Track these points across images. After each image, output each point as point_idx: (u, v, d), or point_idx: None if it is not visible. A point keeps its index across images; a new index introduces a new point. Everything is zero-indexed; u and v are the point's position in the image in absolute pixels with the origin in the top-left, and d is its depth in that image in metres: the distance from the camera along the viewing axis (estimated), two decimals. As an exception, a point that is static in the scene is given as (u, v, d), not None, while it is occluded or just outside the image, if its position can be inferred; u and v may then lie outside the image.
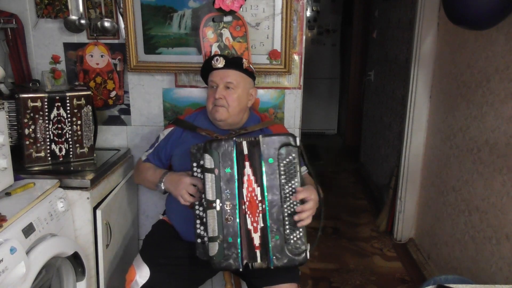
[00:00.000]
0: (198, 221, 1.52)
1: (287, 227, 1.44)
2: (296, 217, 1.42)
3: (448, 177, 2.38)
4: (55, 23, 2.00)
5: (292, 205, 1.44)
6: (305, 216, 1.42)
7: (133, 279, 1.54)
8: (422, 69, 2.67)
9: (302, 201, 1.44)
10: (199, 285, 1.69)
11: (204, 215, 1.50)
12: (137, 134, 2.12)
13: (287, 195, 1.44)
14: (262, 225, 1.44)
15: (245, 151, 1.45)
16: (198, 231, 1.52)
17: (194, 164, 1.52)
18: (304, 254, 1.44)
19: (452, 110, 2.35)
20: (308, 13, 5.47)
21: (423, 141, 2.77)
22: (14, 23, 1.94)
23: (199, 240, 1.52)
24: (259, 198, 1.44)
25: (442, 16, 2.50)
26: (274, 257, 1.43)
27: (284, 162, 1.43)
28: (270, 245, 1.43)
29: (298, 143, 1.44)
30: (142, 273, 1.54)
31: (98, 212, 1.66)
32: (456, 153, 2.29)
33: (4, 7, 1.95)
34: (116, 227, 1.85)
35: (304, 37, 1.96)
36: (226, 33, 1.91)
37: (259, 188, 1.44)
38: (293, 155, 1.44)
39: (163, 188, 1.62)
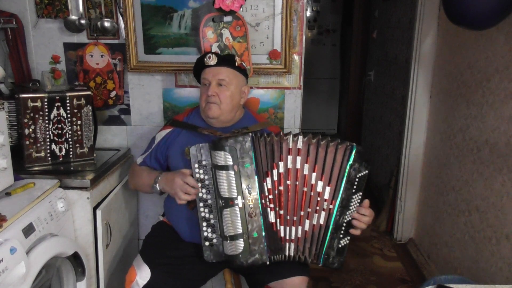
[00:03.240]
0: (204, 224, 1.51)
1: (342, 232, 1.50)
2: (355, 222, 1.50)
3: (448, 177, 2.38)
4: (55, 23, 2.00)
5: (350, 214, 1.51)
6: (360, 225, 1.51)
7: (133, 280, 1.54)
8: (422, 69, 2.67)
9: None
10: (200, 285, 1.69)
11: (211, 216, 1.50)
12: (137, 134, 2.12)
13: (352, 204, 1.50)
14: (321, 223, 1.50)
15: (297, 146, 1.46)
16: (205, 233, 1.51)
17: (196, 165, 1.50)
18: (342, 259, 1.52)
19: (452, 110, 2.35)
20: (308, 13, 5.46)
21: (423, 141, 2.77)
22: (14, 23, 1.94)
23: (207, 243, 1.51)
24: (325, 197, 1.48)
25: (442, 16, 2.50)
26: (326, 256, 1.50)
27: (360, 174, 1.49)
28: (326, 245, 1.50)
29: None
30: (142, 274, 1.53)
31: (98, 212, 1.66)
32: (456, 153, 2.29)
33: (4, 7, 1.96)
34: (116, 227, 1.85)
35: (304, 37, 1.96)
36: (226, 33, 1.91)
37: (329, 188, 1.48)
38: (366, 171, 1.50)
39: (159, 188, 1.61)
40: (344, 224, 1.50)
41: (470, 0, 1.67)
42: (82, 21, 1.95)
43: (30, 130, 1.70)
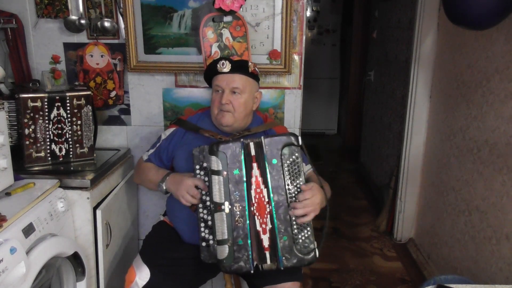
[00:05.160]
0: (202, 224, 1.52)
1: (295, 227, 1.45)
2: (290, 212, 1.43)
3: (448, 177, 2.38)
4: (55, 23, 2.00)
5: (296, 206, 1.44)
6: (300, 213, 1.42)
7: (133, 280, 1.54)
8: (422, 69, 2.67)
9: None
10: (199, 286, 1.69)
11: (209, 218, 1.50)
12: (137, 134, 2.12)
13: (293, 195, 1.44)
14: (270, 226, 1.45)
15: (253, 152, 1.44)
16: (203, 234, 1.52)
17: (197, 167, 1.51)
18: (313, 253, 1.45)
19: (452, 110, 2.35)
20: (308, 13, 5.47)
21: (423, 141, 2.77)
22: (14, 23, 1.94)
23: (203, 244, 1.52)
24: (266, 200, 1.44)
25: (442, 16, 2.50)
26: (284, 258, 1.44)
27: (288, 162, 1.43)
28: (279, 246, 1.43)
29: (300, 142, 1.44)
30: (142, 275, 1.53)
31: (98, 212, 1.66)
32: (456, 153, 2.29)
33: (4, 7, 1.96)
34: (116, 227, 1.85)
35: (304, 37, 1.96)
36: (226, 33, 1.91)
37: (265, 189, 1.44)
38: (296, 154, 1.44)
39: (164, 188, 1.61)
40: (294, 218, 1.44)
41: (470, 0, 1.67)
42: (82, 21, 1.95)
43: (30, 130, 1.70)
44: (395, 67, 3.29)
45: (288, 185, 1.44)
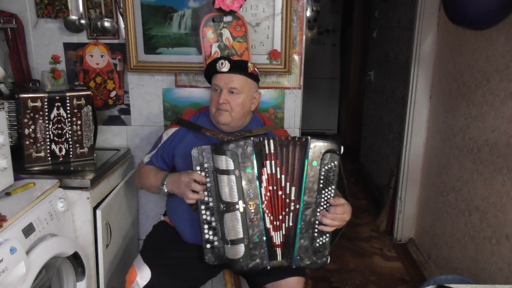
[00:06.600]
0: (205, 226, 1.51)
1: (316, 230, 1.47)
2: (319, 218, 1.46)
3: (448, 177, 2.38)
4: (55, 23, 2.00)
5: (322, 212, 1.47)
6: (327, 222, 1.46)
7: (133, 280, 1.53)
8: (422, 69, 2.67)
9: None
10: (199, 286, 1.69)
11: (212, 219, 1.50)
12: (137, 134, 2.12)
13: (322, 200, 1.46)
14: (290, 224, 1.47)
15: (270, 150, 1.44)
16: (207, 236, 1.51)
17: (198, 168, 1.50)
18: (325, 259, 1.49)
19: (452, 110, 2.35)
20: (308, 13, 5.46)
21: (423, 141, 2.77)
22: (14, 23, 1.94)
23: (208, 246, 1.51)
24: (292, 198, 1.46)
25: (442, 16, 2.50)
26: (298, 257, 1.47)
27: (326, 168, 1.45)
28: (297, 245, 1.46)
29: (341, 152, 1.46)
30: (142, 274, 1.53)
31: (98, 212, 1.66)
32: (456, 153, 2.29)
33: (4, 7, 1.96)
34: (116, 227, 1.85)
35: (304, 37, 1.96)
36: (226, 33, 1.91)
37: (294, 188, 1.45)
38: (336, 162, 1.45)
39: (166, 190, 1.61)
40: (317, 223, 1.46)
41: (470, 0, 1.67)
42: (82, 21, 1.95)
43: (30, 130, 1.70)
44: (395, 67, 3.29)
45: (320, 190, 1.45)
